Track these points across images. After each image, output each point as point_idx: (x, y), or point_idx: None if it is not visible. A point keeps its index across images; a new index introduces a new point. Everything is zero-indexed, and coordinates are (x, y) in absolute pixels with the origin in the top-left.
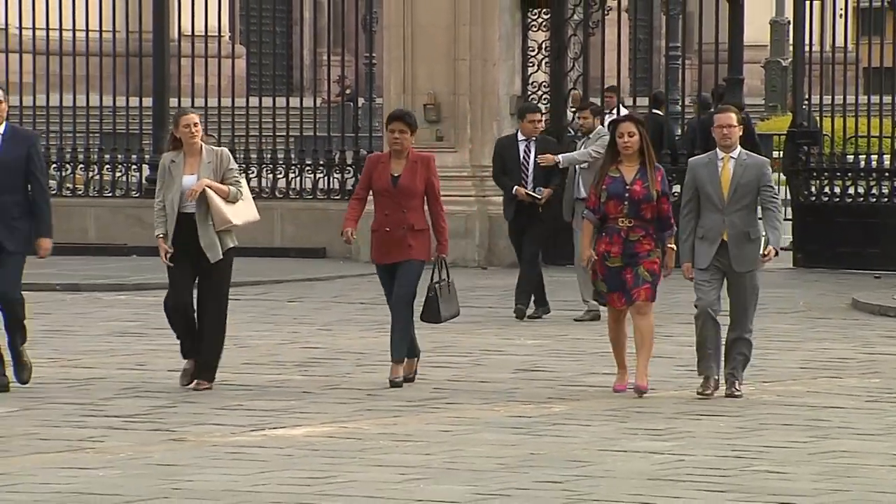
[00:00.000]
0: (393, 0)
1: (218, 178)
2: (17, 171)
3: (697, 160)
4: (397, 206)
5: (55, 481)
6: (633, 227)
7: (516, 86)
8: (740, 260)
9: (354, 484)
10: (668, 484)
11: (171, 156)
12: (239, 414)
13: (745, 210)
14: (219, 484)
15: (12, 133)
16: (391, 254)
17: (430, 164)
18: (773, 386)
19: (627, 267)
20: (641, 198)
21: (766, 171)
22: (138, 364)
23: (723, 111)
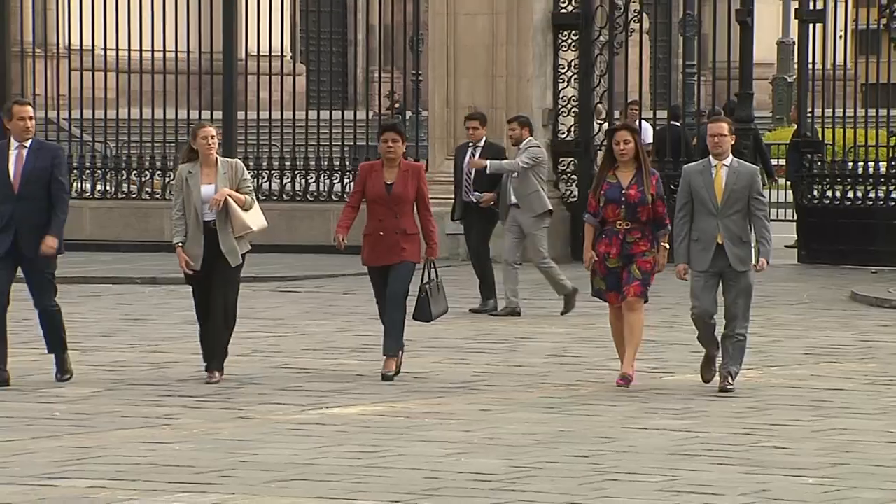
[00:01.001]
0: (437, 23)
1: (233, 187)
2: (42, 181)
3: (692, 167)
4: (391, 211)
5: (135, 454)
6: (631, 229)
7: (548, 100)
8: (737, 259)
9: (402, 457)
10: (685, 458)
11: (188, 167)
12: (299, 394)
13: (738, 214)
14: (281, 457)
15: (39, 146)
16: (384, 256)
17: (420, 172)
18: (779, 370)
19: (625, 267)
20: (637, 201)
21: (756, 179)
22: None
23: (715, 121)
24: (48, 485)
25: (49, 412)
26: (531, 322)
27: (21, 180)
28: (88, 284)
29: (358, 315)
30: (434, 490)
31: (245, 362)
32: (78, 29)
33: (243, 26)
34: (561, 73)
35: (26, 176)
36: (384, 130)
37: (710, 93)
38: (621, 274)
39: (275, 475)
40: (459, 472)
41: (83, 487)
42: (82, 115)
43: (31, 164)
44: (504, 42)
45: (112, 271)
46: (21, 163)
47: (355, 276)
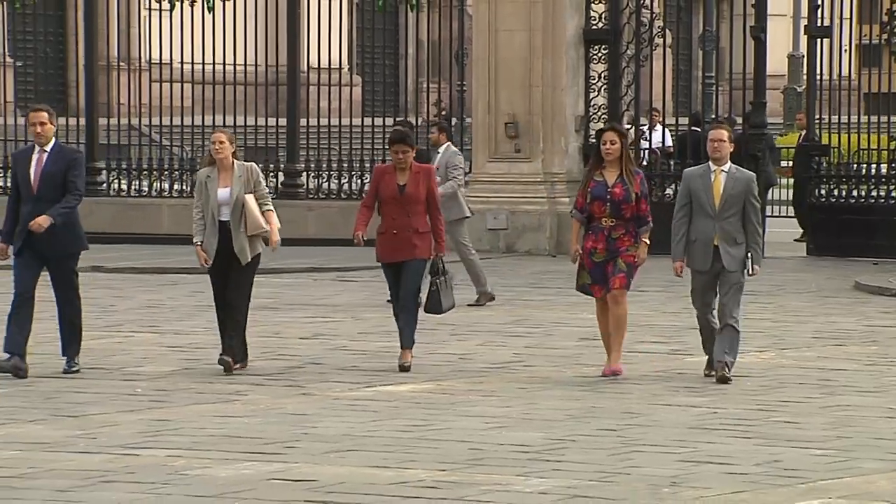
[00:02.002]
0: (480, 38)
1: (249, 189)
2: (59, 182)
3: (692, 171)
4: (403, 211)
5: (209, 426)
6: (615, 225)
7: (580, 108)
8: (730, 260)
9: (448, 430)
10: (704, 432)
11: (207, 171)
12: (355, 373)
13: (734, 217)
14: (339, 430)
15: (58, 150)
16: (397, 253)
17: (430, 174)
18: (789, 352)
19: (610, 262)
20: (621, 199)
21: (752, 184)
22: (274, 333)
23: (715, 128)
24: (131, 454)
25: (131, 389)
26: (565, 309)
27: (39, 182)
28: (166, 274)
29: None
30: (477, 460)
31: (307, 344)
32: (157, 45)
33: (305, 41)
34: (592, 83)
35: (44, 178)
36: (394, 142)
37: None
38: (606, 268)
39: (333, 446)
40: (500, 444)
41: (162, 456)
42: (161, 121)
43: (49, 167)
44: (540, 55)
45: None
46: (40, 166)
47: None
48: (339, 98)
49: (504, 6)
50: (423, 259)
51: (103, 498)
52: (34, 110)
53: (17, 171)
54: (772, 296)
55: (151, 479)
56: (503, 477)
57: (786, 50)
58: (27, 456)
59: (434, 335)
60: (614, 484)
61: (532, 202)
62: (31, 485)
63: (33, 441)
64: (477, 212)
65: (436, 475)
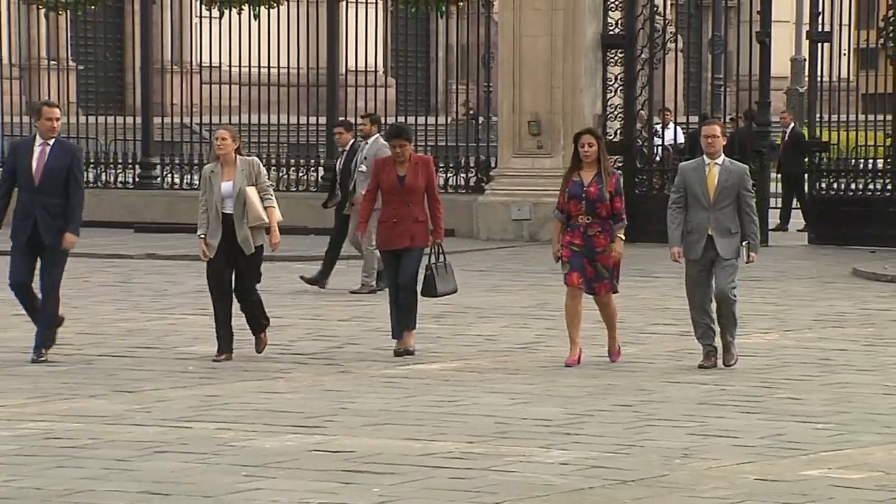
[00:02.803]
0: (505, 43)
1: (251, 182)
2: (60, 177)
3: (687, 164)
4: (403, 201)
5: (255, 402)
6: (591, 223)
7: (598, 107)
8: (725, 248)
9: (476, 405)
10: (713, 407)
11: (211, 167)
12: (389, 353)
13: (728, 208)
14: (375, 405)
15: (59, 145)
16: (396, 241)
17: (429, 165)
18: (792, 334)
19: (587, 258)
20: (595, 198)
21: (745, 176)
22: (315, 315)
23: (708, 124)
24: (183, 426)
25: (183, 367)
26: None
27: (42, 175)
28: None
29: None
30: (502, 433)
31: (345, 326)
32: (207, 49)
33: (344, 46)
34: (609, 84)
35: (47, 171)
36: (392, 137)
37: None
38: (584, 263)
39: (369, 420)
40: (523, 418)
41: (212, 429)
42: (210, 120)
43: (52, 161)
44: (561, 59)
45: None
46: (43, 159)
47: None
48: (375, 98)
49: (528, 13)
50: (420, 248)
51: (158, 467)
52: (50, 106)
53: (15, 160)
54: (775, 282)
55: (202, 449)
56: (526, 449)
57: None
58: (88, 428)
59: (462, 317)
60: (629, 455)
61: (553, 195)
62: (91, 454)
63: (94, 414)
64: (502, 204)
65: (464, 447)
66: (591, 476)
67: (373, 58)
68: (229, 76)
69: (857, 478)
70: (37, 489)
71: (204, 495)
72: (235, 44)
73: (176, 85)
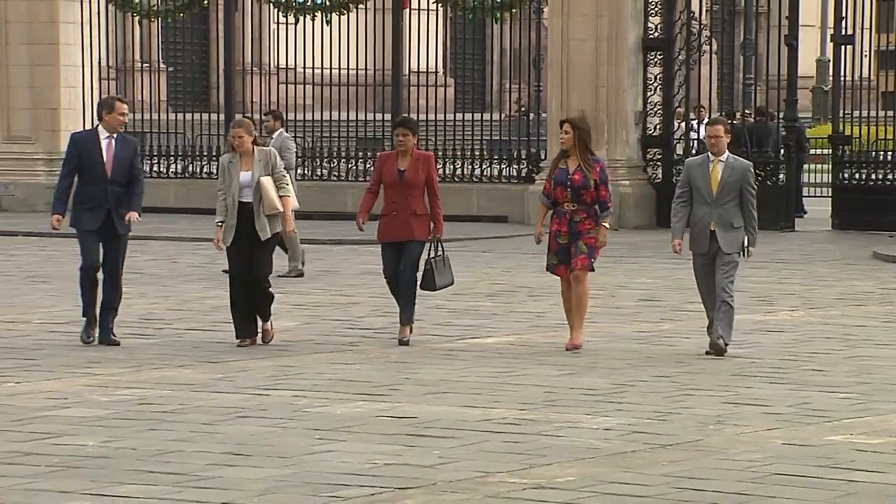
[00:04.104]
0: (554, 46)
1: (268, 171)
2: (126, 167)
3: (692, 161)
4: (403, 195)
5: (326, 371)
6: (576, 209)
7: (639, 105)
8: (726, 243)
9: (527, 376)
10: (744, 378)
11: (229, 157)
12: (448, 328)
13: (731, 203)
14: (436, 376)
15: (122, 139)
16: (396, 234)
17: (430, 161)
18: (816, 311)
19: (572, 244)
20: (580, 185)
21: (748, 173)
22: (381, 294)
23: (713, 124)
24: (262, 394)
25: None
26: (625, 274)
27: (112, 166)
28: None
29: (493, 268)
30: (551, 401)
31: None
32: (284, 52)
33: (407, 49)
34: (649, 84)
35: (116, 162)
36: (396, 126)
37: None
38: (570, 249)
39: (430, 389)
40: (571, 388)
41: (288, 396)
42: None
43: (119, 152)
44: (605, 61)
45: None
46: (111, 151)
47: (492, 239)
48: (435, 97)
49: (575, 19)
50: (420, 242)
51: (240, 430)
52: (121, 101)
53: (81, 153)
54: (801, 263)
55: (279, 415)
56: (573, 416)
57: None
58: (177, 394)
59: (515, 296)
60: (668, 422)
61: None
62: (180, 418)
63: (182, 382)
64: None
65: (516, 414)
66: (633, 440)
67: (433, 60)
68: (303, 77)
69: (876, 443)
70: (132, 450)
71: (281, 456)
72: (309, 47)
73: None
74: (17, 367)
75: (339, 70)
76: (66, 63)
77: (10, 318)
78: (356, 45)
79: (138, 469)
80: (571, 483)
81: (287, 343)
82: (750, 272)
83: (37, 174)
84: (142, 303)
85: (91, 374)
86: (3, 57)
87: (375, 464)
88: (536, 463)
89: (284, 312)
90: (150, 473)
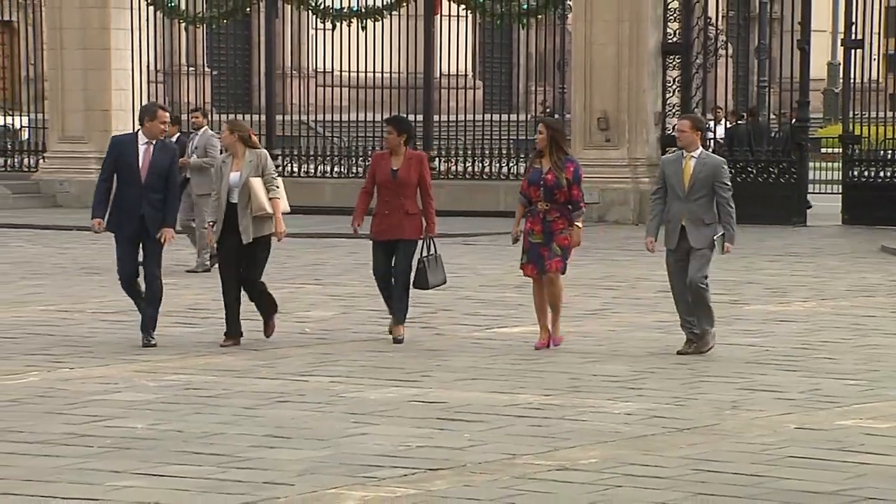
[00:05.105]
0: (577, 50)
1: (258, 173)
2: (162, 174)
3: (667, 157)
4: (395, 194)
5: (362, 359)
6: (550, 209)
7: (658, 106)
8: (696, 238)
9: (551, 363)
10: (758, 365)
11: (223, 157)
12: (477, 318)
13: (703, 199)
14: (465, 363)
15: (161, 145)
16: (389, 233)
17: (422, 161)
18: (827, 302)
19: (545, 245)
20: (552, 185)
21: (720, 169)
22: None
23: (681, 119)
24: (301, 380)
25: (300, 329)
26: (646, 266)
27: (148, 172)
28: (328, 238)
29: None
30: (575, 387)
31: (439, 295)
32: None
33: (438, 53)
34: (668, 86)
35: (152, 168)
36: (386, 122)
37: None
38: (540, 250)
39: (460, 375)
40: (594, 375)
41: (326, 382)
42: (324, 117)
43: (156, 159)
44: (626, 64)
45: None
46: (148, 157)
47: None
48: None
49: (598, 24)
50: (412, 241)
51: (280, 414)
52: (163, 109)
53: (118, 157)
54: (813, 257)
55: (317, 399)
56: (596, 401)
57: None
58: (220, 380)
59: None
60: (686, 407)
61: (619, 182)
62: (223, 402)
63: (225, 368)
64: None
65: (541, 399)
66: (652, 424)
67: (463, 63)
68: (340, 79)
69: (884, 427)
70: (178, 431)
71: (319, 438)
72: (346, 52)
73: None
74: (71, 354)
75: (374, 73)
76: (117, 67)
77: (65, 307)
78: (390, 49)
79: (184, 450)
80: (594, 465)
81: (324, 332)
82: (764, 265)
83: (89, 172)
84: (188, 294)
85: (140, 361)
86: (58, 62)
87: (408, 446)
88: (561, 445)
89: (321, 303)
90: (195, 454)
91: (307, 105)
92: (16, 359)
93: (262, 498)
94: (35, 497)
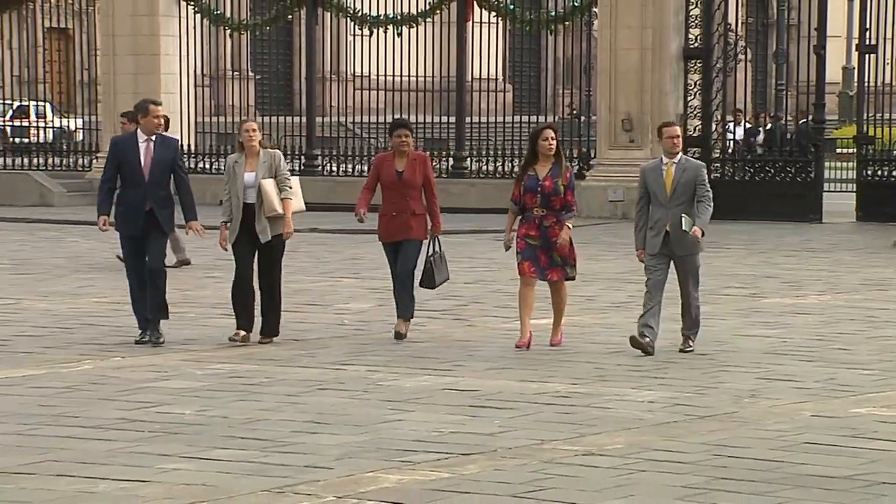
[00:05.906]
0: (603, 55)
1: (272, 174)
2: (166, 168)
3: (647, 165)
4: (401, 195)
5: (397, 349)
6: (546, 215)
7: (680, 108)
8: (679, 245)
9: (578, 353)
10: (775, 356)
11: (235, 157)
12: (507, 310)
13: (685, 205)
14: (495, 352)
15: (162, 140)
16: (396, 233)
17: (426, 162)
18: (842, 295)
19: (542, 249)
20: (550, 192)
21: (701, 172)
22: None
23: (670, 125)
24: (340, 368)
25: (339, 321)
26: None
27: (151, 168)
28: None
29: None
30: (600, 376)
31: (471, 288)
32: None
33: (470, 58)
34: (689, 89)
35: (154, 164)
36: (396, 128)
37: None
38: (537, 251)
39: (491, 364)
40: (618, 364)
41: (363, 370)
42: (362, 119)
43: (158, 154)
44: (650, 68)
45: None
46: (150, 154)
47: None
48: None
49: (622, 30)
50: (418, 240)
51: (319, 401)
52: (155, 104)
53: (119, 157)
54: (828, 252)
55: (355, 387)
56: (620, 389)
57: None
58: (263, 369)
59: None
60: (706, 395)
61: None
62: (266, 390)
63: (268, 358)
64: (600, 188)
65: (569, 387)
66: (674, 412)
67: (494, 67)
68: (377, 83)
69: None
70: (223, 418)
71: (357, 424)
72: (382, 57)
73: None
74: (122, 344)
75: (409, 77)
76: (166, 72)
77: (116, 299)
78: (424, 54)
79: (230, 435)
80: (619, 450)
81: (362, 323)
82: (781, 259)
83: None
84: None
85: (187, 350)
86: (110, 67)
87: (441, 432)
88: (587, 432)
89: (359, 296)
90: (240, 439)
91: (346, 107)
92: (71, 348)
93: (303, 480)
94: (89, 479)
